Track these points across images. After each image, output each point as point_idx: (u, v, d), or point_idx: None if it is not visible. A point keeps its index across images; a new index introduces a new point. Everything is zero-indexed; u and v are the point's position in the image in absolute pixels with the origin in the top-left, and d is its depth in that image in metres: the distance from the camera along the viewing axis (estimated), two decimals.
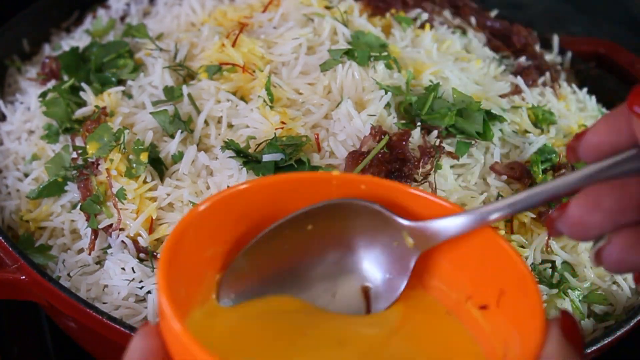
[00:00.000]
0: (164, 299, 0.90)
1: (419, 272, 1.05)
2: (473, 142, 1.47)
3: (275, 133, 1.43)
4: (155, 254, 1.40)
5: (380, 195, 1.05)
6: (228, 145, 1.42)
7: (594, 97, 1.75)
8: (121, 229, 1.42)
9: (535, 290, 0.94)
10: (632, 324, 1.40)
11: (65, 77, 1.62)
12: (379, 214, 1.03)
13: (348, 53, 1.53)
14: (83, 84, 1.57)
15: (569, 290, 1.44)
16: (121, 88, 1.56)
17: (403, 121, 1.47)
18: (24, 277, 1.35)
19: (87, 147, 1.46)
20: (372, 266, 1.06)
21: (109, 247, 1.43)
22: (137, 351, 0.93)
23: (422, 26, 1.70)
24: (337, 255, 1.06)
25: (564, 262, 1.47)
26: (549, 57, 1.87)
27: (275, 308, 1.03)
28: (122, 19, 1.82)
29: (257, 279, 1.04)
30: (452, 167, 1.46)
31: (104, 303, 1.38)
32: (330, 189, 1.05)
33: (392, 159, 1.40)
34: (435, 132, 1.45)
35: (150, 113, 1.48)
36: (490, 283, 1.01)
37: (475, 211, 0.99)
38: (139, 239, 1.40)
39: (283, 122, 1.45)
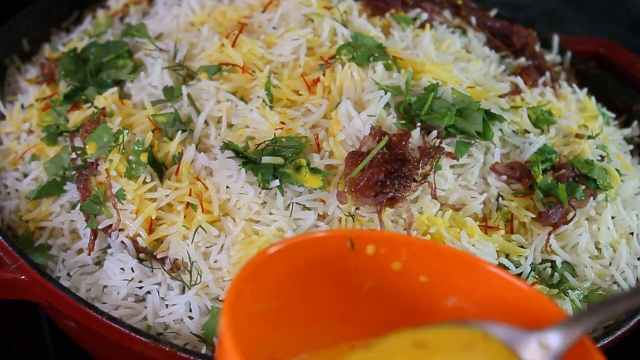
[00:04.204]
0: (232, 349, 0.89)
1: None
2: (473, 142, 1.47)
3: (275, 133, 1.43)
4: (154, 254, 1.40)
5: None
6: (227, 145, 1.42)
7: (593, 97, 1.75)
8: (121, 230, 1.42)
9: None
10: (632, 324, 1.40)
11: (63, 82, 1.62)
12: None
13: (347, 47, 1.54)
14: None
15: (569, 290, 1.44)
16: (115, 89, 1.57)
17: (402, 121, 1.47)
18: (23, 277, 1.35)
19: (87, 147, 1.46)
20: None
21: (109, 247, 1.43)
22: None
23: (421, 26, 1.70)
24: None
25: (564, 262, 1.47)
26: (549, 57, 1.87)
27: None
28: (121, 19, 1.82)
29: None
30: (452, 167, 1.46)
31: (104, 303, 1.38)
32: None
33: (392, 159, 1.40)
34: (434, 132, 1.45)
35: (152, 115, 1.48)
36: None
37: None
38: (139, 239, 1.40)
39: (283, 122, 1.45)
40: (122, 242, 1.41)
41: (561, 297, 1.43)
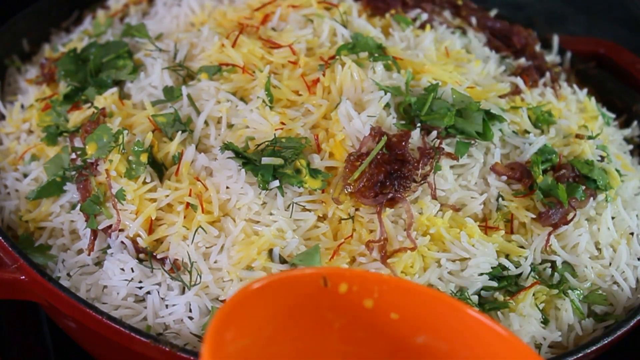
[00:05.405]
0: None
1: None
2: (473, 142, 1.47)
3: (275, 134, 1.43)
4: (154, 254, 1.40)
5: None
6: (227, 146, 1.42)
7: (593, 98, 1.75)
8: (120, 230, 1.42)
9: None
10: (632, 324, 1.40)
11: (63, 82, 1.62)
12: None
13: (348, 47, 1.54)
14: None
15: (569, 291, 1.44)
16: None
17: (402, 122, 1.47)
18: (23, 277, 1.36)
19: (87, 147, 1.46)
20: None
21: (109, 247, 1.43)
22: None
23: (422, 26, 1.70)
24: None
25: (564, 263, 1.47)
26: (549, 57, 1.87)
27: None
28: (121, 19, 1.82)
29: None
30: (451, 167, 1.46)
31: (104, 303, 1.39)
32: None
33: (392, 160, 1.40)
34: (434, 133, 1.45)
35: (152, 116, 1.48)
36: None
37: None
38: (138, 239, 1.40)
39: (283, 123, 1.45)
40: (122, 242, 1.41)
41: (561, 297, 1.43)
